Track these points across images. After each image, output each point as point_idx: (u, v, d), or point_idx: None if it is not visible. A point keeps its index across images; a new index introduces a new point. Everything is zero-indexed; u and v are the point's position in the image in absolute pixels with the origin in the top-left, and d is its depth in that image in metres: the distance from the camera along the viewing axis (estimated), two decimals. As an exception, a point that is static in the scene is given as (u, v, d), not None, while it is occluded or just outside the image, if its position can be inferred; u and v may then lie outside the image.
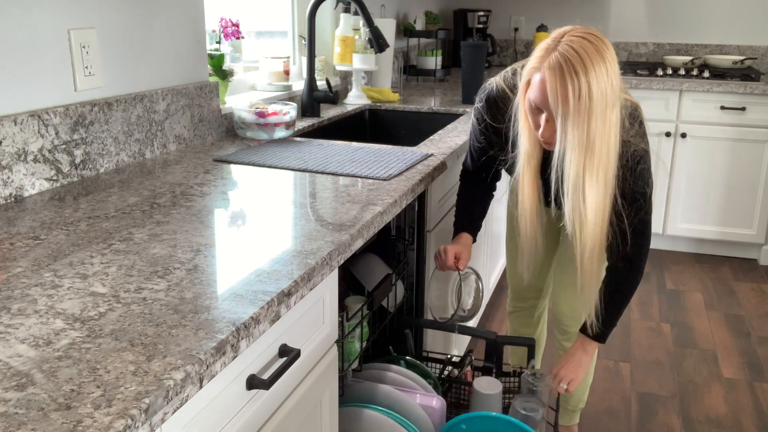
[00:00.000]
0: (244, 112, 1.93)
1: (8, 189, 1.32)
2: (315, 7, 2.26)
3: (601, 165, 1.33)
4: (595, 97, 1.26)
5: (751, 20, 3.89)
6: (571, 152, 1.32)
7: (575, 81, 1.25)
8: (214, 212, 1.28)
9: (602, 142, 1.30)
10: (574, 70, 1.26)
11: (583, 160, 1.32)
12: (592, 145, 1.30)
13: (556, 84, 1.27)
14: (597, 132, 1.29)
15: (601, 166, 1.33)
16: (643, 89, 3.51)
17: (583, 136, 1.29)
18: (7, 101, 1.31)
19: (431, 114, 2.60)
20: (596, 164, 1.32)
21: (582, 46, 1.27)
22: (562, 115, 1.29)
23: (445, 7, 4.35)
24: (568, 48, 1.27)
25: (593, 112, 1.27)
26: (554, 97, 1.29)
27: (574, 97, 1.26)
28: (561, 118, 1.30)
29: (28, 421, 0.64)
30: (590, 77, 1.25)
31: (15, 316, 0.85)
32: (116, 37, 1.58)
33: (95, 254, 1.06)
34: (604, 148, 1.31)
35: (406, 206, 1.69)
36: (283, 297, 0.95)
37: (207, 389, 0.84)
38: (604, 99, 1.27)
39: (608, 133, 1.31)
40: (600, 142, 1.30)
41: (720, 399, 2.39)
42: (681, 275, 3.47)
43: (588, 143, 1.30)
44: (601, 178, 1.34)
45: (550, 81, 1.28)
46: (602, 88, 1.26)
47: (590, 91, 1.26)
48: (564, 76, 1.26)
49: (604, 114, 1.28)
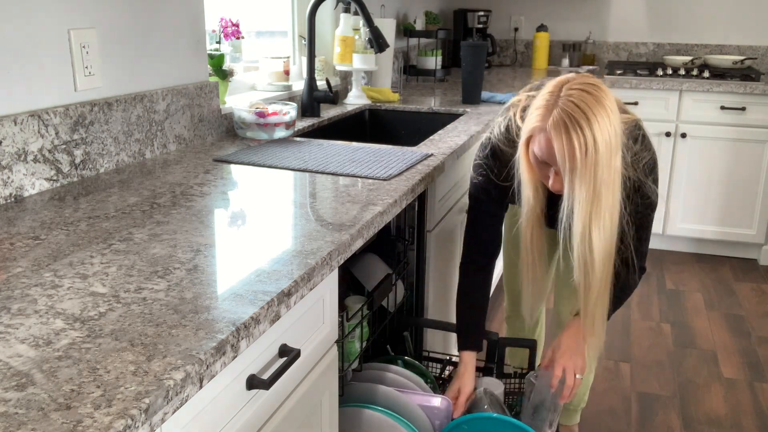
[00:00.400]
0: (244, 112, 1.93)
1: (8, 189, 1.32)
2: (315, 7, 2.26)
3: (606, 210, 1.34)
4: (601, 149, 1.27)
5: (751, 20, 3.89)
6: (579, 206, 1.33)
7: (581, 137, 1.26)
8: (214, 212, 1.28)
9: (608, 189, 1.31)
10: (579, 125, 1.26)
11: (589, 212, 1.33)
12: (598, 196, 1.31)
13: (563, 142, 1.27)
14: (603, 181, 1.30)
15: (607, 211, 1.34)
16: (643, 89, 3.51)
17: (590, 188, 1.30)
18: (7, 101, 1.32)
19: (431, 114, 2.60)
20: (602, 212, 1.33)
21: (582, 99, 1.27)
22: (569, 171, 1.30)
23: (445, 7, 4.35)
24: (568, 103, 1.27)
25: (599, 164, 1.28)
26: (562, 155, 1.29)
27: (581, 153, 1.27)
28: (569, 174, 1.30)
29: (28, 421, 0.64)
30: (594, 130, 1.26)
31: (15, 316, 0.85)
32: (116, 37, 1.58)
33: (95, 254, 1.06)
34: (609, 195, 1.33)
35: (406, 206, 1.69)
36: (283, 297, 0.95)
37: (207, 389, 0.84)
38: (609, 148, 1.28)
39: (613, 179, 1.32)
40: (606, 190, 1.31)
41: (720, 399, 2.39)
42: (681, 275, 3.47)
43: (595, 195, 1.31)
44: (607, 223, 1.35)
45: (556, 140, 1.28)
46: (606, 138, 1.27)
47: (596, 144, 1.26)
48: (570, 134, 1.26)
49: (609, 162, 1.29)
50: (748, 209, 3.53)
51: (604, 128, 1.26)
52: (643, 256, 1.56)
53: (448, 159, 1.80)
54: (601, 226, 1.35)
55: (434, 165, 1.68)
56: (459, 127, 2.21)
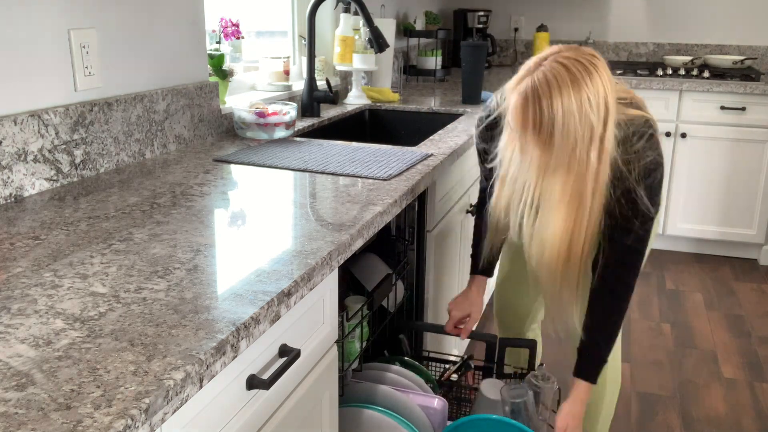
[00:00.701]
0: (244, 112, 1.93)
1: (8, 189, 1.32)
2: (315, 7, 2.26)
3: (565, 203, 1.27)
4: (557, 131, 1.20)
5: (751, 20, 3.89)
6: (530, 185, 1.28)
7: (536, 110, 1.20)
8: (214, 212, 1.28)
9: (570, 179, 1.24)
10: (538, 98, 1.19)
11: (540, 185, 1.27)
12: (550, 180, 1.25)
13: (520, 110, 1.23)
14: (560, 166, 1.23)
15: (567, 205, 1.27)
16: (643, 89, 3.51)
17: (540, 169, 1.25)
18: (7, 101, 1.32)
19: (431, 114, 2.60)
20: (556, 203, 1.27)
21: (557, 73, 1.19)
22: (521, 140, 1.27)
23: (445, 7, 4.35)
24: (541, 73, 1.21)
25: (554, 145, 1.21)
26: (517, 122, 1.24)
27: (534, 127, 1.21)
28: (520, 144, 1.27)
29: (28, 421, 0.64)
30: (555, 108, 1.18)
31: (15, 316, 0.85)
32: (116, 37, 1.58)
33: (95, 254, 1.06)
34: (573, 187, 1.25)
35: (406, 206, 1.69)
36: (283, 297, 0.95)
37: (207, 389, 0.84)
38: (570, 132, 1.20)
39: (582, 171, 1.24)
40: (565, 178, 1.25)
41: (720, 399, 2.39)
42: (681, 275, 3.47)
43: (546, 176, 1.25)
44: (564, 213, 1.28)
45: (516, 105, 1.24)
46: (571, 122, 1.19)
47: (553, 123, 1.19)
48: (527, 103, 1.21)
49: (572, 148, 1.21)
50: (748, 209, 3.53)
51: (569, 109, 1.18)
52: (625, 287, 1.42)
53: (448, 159, 1.80)
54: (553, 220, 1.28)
55: (434, 165, 1.68)
56: (459, 127, 2.21)
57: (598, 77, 1.21)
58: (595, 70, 1.21)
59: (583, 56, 1.22)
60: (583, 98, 1.18)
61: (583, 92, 1.18)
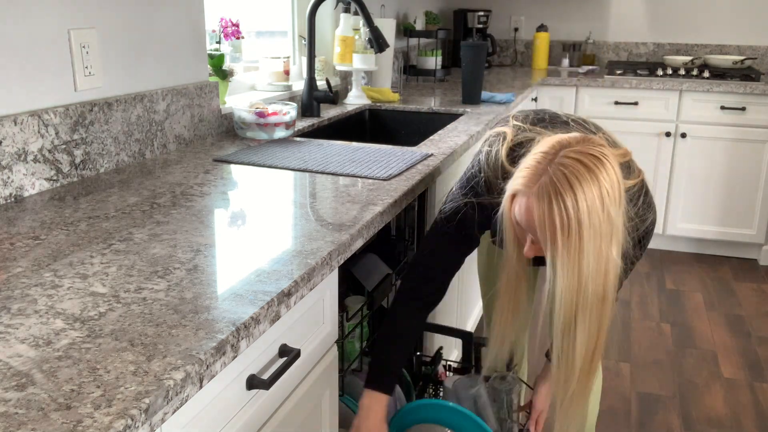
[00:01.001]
0: (244, 112, 1.93)
1: (8, 189, 1.32)
2: (315, 7, 2.26)
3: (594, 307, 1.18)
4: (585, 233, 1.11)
5: (751, 20, 3.89)
6: (561, 294, 1.17)
7: (563, 213, 1.10)
8: (214, 212, 1.28)
9: (596, 279, 1.15)
10: (563, 200, 1.10)
11: (575, 302, 1.17)
12: (585, 286, 1.15)
13: (545, 215, 1.12)
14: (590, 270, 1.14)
15: (595, 308, 1.18)
16: (643, 89, 3.51)
17: (574, 276, 1.14)
18: (7, 101, 1.32)
19: (431, 114, 2.60)
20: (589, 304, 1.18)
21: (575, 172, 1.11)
22: (550, 249, 1.14)
23: (445, 7, 4.35)
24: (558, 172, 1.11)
25: (584, 250, 1.12)
26: (542, 228, 1.13)
27: (562, 233, 1.11)
28: (550, 252, 1.15)
29: (28, 421, 0.64)
30: (581, 210, 1.10)
31: (15, 316, 0.85)
32: (116, 37, 1.58)
33: (95, 254, 1.06)
34: (598, 285, 1.16)
35: (406, 206, 1.69)
36: (283, 297, 0.95)
37: (207, 389, 0.84)
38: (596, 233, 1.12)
39: (604, 269, 1.15)
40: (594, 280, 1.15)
41: (720, 399, 2.39)
42: (681, 275, 3.47)
43: (580, 285, 1.15)
44: (594, 320, 1.19)
45: (537, 210, 1.13)
46: (595, 222, 1.11)
47: (580, 227, 1.11)
48: (552, 207, 1.11)
49: (599, 249, 1.13)
50: (748, 209, 3.53)
51: (593, 206, 1.11)
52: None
53: (448, 159, 1.80)
54: (587, 323, 1.18)
55: (434, 165, 1.68)
56: (459, 127, 2.21)
57: (610, 167, 1.14)
58: (607, 159, 1.14)
59: (593, 147, 1.16)
60: (603, 192, 1.12)
61: (603, 186, 1.12)
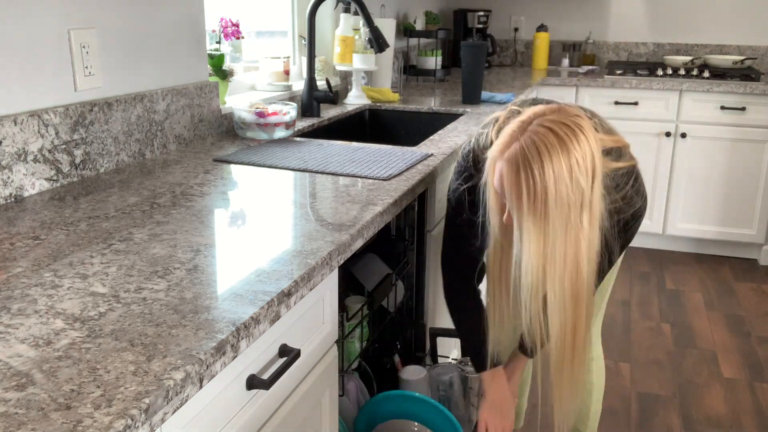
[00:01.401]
0: (244, 112, 1.93)
1: (8, 189, 1.32)
2: (315, 7, 2.26)
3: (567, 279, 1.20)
4: (551, 201, 1.14)
5: (751, 20, 3.89)
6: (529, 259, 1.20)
7: (530, 180, 1.14)
8: (214, 212, 1.28)
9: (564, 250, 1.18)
10: (530, 167, 1.14)
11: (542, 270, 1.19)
12: (552, 253, 1.18)
13: (512, 180, 1.17)
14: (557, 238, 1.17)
15: (567, 280, 1.20)
16: (643, 89, 3.51)
17: (540, 242, 1.17)
18: (7, 101, 1.32)
19: (431, 114, 2.60)
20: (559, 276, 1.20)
21: (545, 140, 1.14)
22: (516, 213, 1.19)
23: (445, 7, 4.35)
24: (529, 140, 1.15)
25: (549, 216, 1.16)
26: (509, 193, 1.18)
27: (528, 198, 1.15)
28: (516, 216, 1.19)
29: (28, 421, 0.64)
30: (547, 177, 1.13)
31: (15, 316, 0.85)
32: (116, 37, 1.58)
33: (95, 254, 1.06)
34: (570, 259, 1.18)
35: (406, 206, 1.69)
36: (283, 297, 0.95)
37: (207, 389, 0.84)
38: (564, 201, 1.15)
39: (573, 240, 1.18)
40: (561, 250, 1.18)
41: (720, 399, 2.39)
42: (681, 275, 3.47)
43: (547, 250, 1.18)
44: (569, 295, 1.21)
45: (506, 175, 1.18)
46: (562, 190, 1.14)
47: (546, 193, 1.14)
48: (519, 173, 1.15)
49: (566, 217, 1.16)
50: (748, 209, 3.53)
51: (560, 175, 1.13)
52: None
53: (448, 159, 1.80)
54: (556, 290, 1.21)
55: (434, 165, 1.68)
56: (459, 127, 2.21)
57: (584, 138, 1.17)
58: (581, 130, 1.17)
59: (568, 117, 1.18)
60: (572, 162, 1.15)
61: (572, 155, 1.15)
